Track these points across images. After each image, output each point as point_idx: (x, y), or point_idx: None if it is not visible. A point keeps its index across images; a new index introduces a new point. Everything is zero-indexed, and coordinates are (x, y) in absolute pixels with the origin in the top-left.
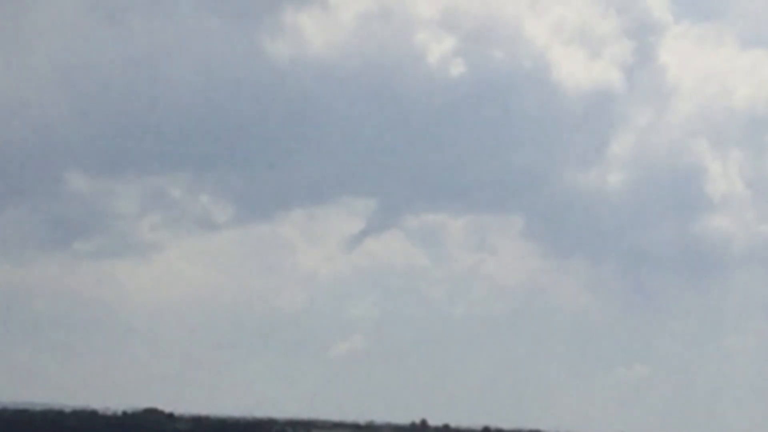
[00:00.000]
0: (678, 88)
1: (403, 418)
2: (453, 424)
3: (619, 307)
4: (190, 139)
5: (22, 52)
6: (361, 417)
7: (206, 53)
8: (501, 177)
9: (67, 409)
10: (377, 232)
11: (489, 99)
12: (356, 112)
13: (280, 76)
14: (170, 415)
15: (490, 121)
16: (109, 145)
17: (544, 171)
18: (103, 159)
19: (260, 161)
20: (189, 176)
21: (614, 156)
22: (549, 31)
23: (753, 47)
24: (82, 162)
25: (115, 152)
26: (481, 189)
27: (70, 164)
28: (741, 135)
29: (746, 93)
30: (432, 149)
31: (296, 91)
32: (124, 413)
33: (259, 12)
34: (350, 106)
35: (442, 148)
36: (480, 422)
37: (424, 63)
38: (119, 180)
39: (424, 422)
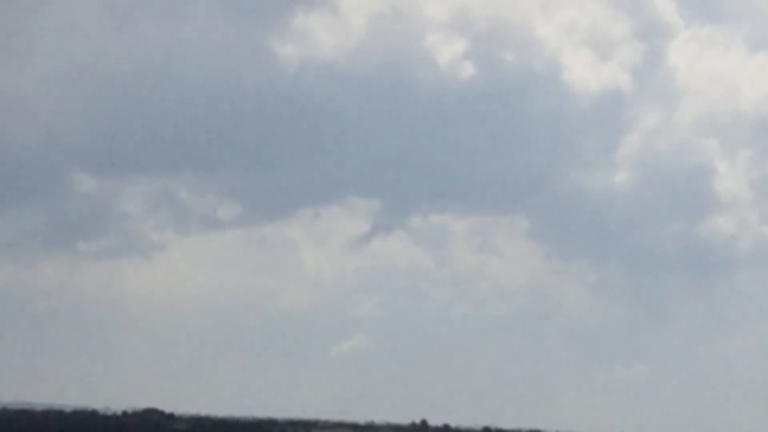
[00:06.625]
0: (686, 90)
1: (403, 418)
2: (453, 424)
3: (622, 308)
4: (195, 140)
5: (29, 53)
6: (361, 417)
7: (215, 55)
8: (505, 178)
9: (67, 409)
10: (382, 232)
11: (499, 101)
12: (364, 113)
13: (288, 78)
14: (170, 415)
15: (499, 123)
16: (115, 146)
17: (548, 172)
18: (108, 159)
19: (266, 162)
20: (194, 177)
21: (622, 157)
22: (560, 33)
23: (760, 50)
24: (88, 162)
25: (121, 152)
26: (486, 190)
27: (75, 164)
28: (748, 137)
29: (753, 95)
30: (439, 150)
31: (304, 92)
32: (124, 413)
33: (268, 15)
34: (358, 107)
35: (448, 150)
36: (480, 422)
37: (435, 65)
38: (124, 180)
39: (424, 422)
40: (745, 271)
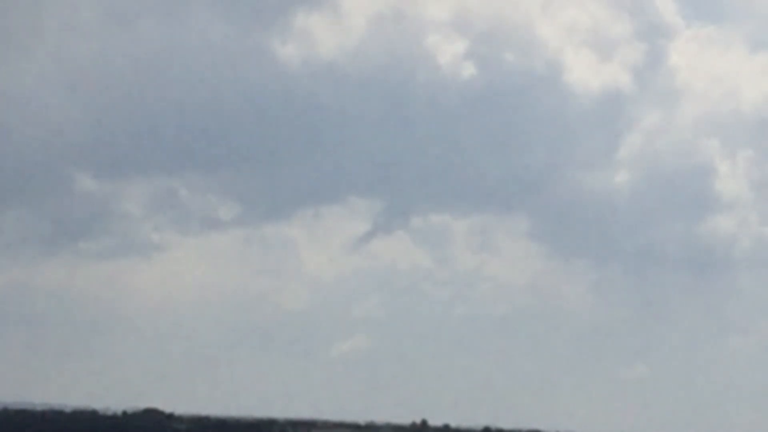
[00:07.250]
0: (687, 90)
1: (403, 418)
2: (453, 424)
3: (623, 308)
4: (195, 140)
5: (30, 53)
6: (361, 417)
7: (215, 55)
8: (505, 178)
9: (67, 409)
10: (382, 232)
11: (499, 101)
12: (364, 113)
13: (289, 78)
14: (170, 415)
15: (499, 123)
16: (116, 146)
17: (548, 172)
18: (108, 159)
19: (266, 162)
20: (195, 176)
21: (622, 157)
22: (560, 33)
23: (761, 50)
24: (88, 162)
25: (122, 152)
26: (486, 190)
27: (75, 164)
28: (749, 137)
29: (754, 95)
30: (439, 150)
31: (305, 92)
32: (124, 413)
33: (269, 15)
34: (359, 107)
35: (448, 150)
36: (480, 422)
37: (435, 65)
38: (125, 180)
39: (424, 422)
40: (745, 271)
